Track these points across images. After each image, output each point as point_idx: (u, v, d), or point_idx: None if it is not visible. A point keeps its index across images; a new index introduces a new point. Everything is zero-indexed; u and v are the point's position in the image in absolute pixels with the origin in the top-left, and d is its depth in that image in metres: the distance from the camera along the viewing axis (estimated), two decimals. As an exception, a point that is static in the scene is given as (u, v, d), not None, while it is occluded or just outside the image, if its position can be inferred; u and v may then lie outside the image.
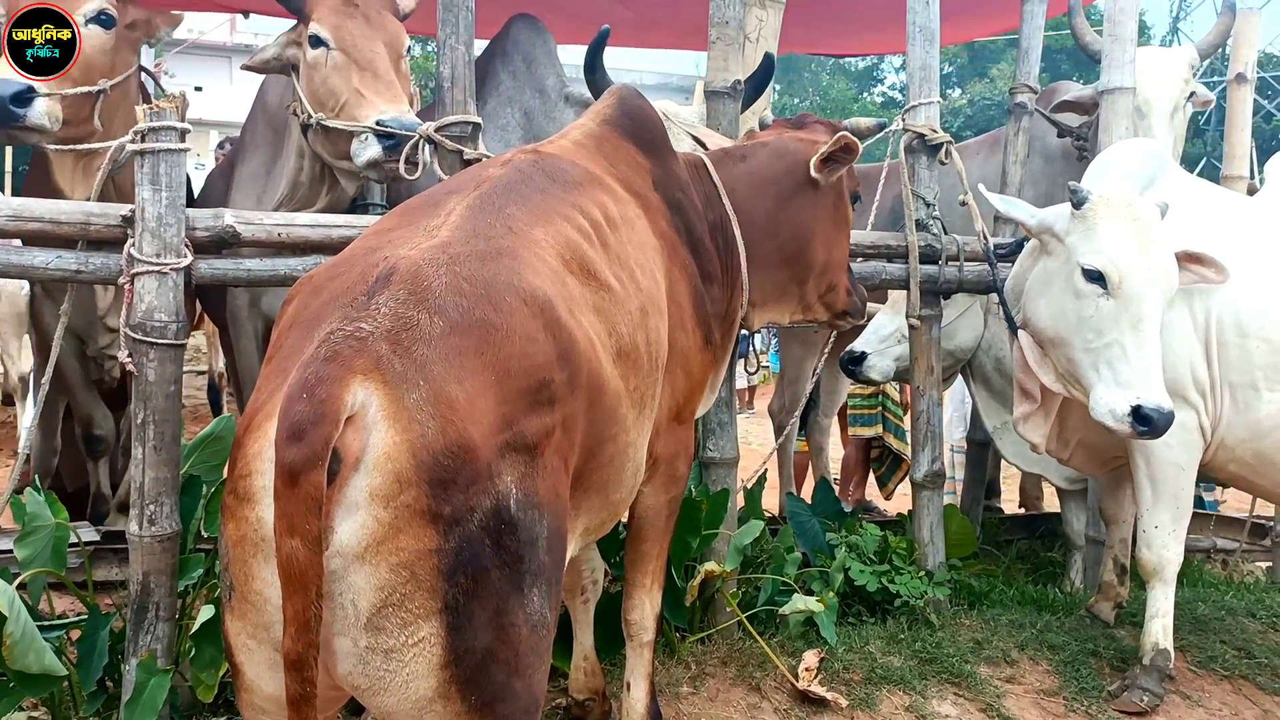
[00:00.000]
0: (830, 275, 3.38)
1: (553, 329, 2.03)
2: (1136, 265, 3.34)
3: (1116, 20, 4.43)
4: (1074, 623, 4.22)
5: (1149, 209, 3.42)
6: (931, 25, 4.18)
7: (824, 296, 3.41)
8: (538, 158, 2.59)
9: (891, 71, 41.40)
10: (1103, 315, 3.34)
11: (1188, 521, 3.75)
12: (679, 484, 3.02)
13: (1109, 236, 3.37)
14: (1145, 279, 3.33)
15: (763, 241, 3.19)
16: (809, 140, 3.30)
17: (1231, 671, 3.99)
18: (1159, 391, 3.25)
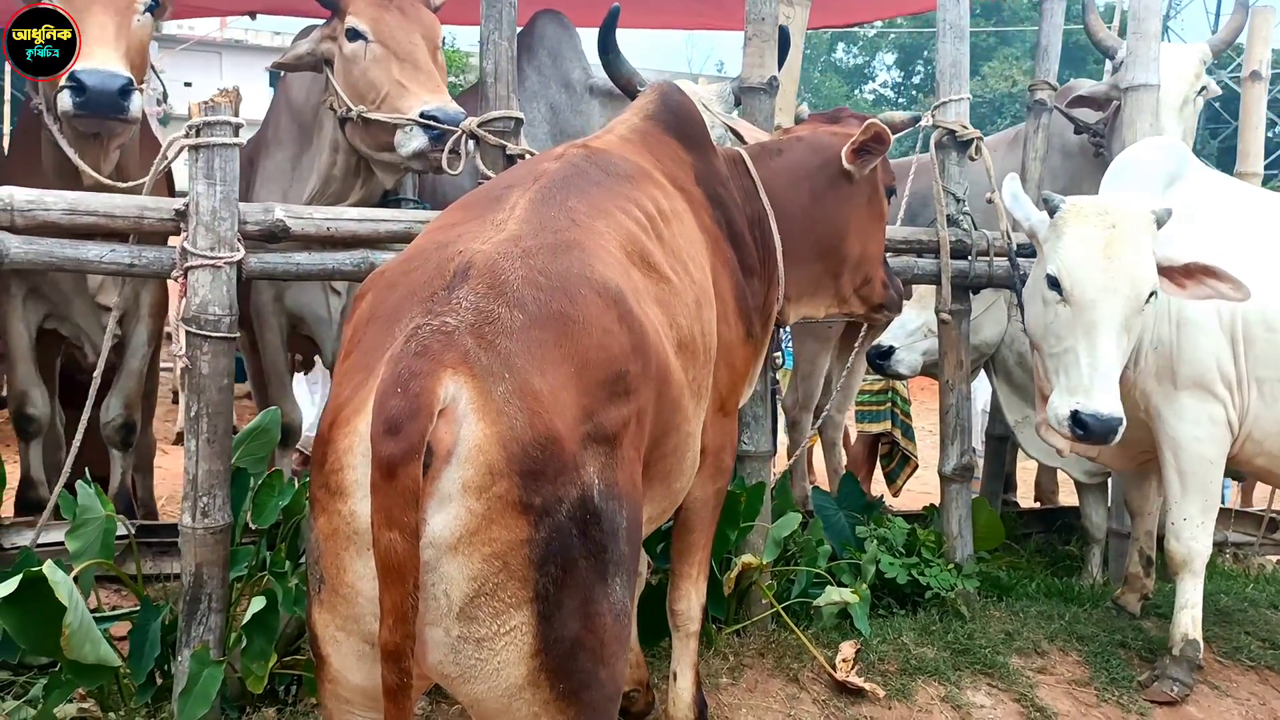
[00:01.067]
0: (865, 268, 3.40)
1: (626, 320, 2.06)
2: (1090, 273, 3.39)
3: (1141, 18, 4.47)
4: (1101, 614, 4.26)
5: (1132, 217, 3.42)
6: (962, 22, 4.21)
7: (859, 290, 3.43)
8: (589, 152, 2.62)
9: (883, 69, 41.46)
10: (1061, 321, 3.43)
11: (1216, 514, 3.80)
12: (725, 475, 3.05)
13: (1070, 244, 3.44)
14: (1099, 286, 3.38)
15: (799, 235, 3.21)
16: (843, 134, 3.32)
17: (1257, 662, 4.05)
18: (1101, 398, 3.32)
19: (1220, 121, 23.45)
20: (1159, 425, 3.71)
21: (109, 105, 3.26)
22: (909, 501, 6.66)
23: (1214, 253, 3.67)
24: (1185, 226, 3.71)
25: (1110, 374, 3.38)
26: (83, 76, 3.24)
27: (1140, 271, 3.39)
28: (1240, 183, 4.17)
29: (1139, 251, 3.39)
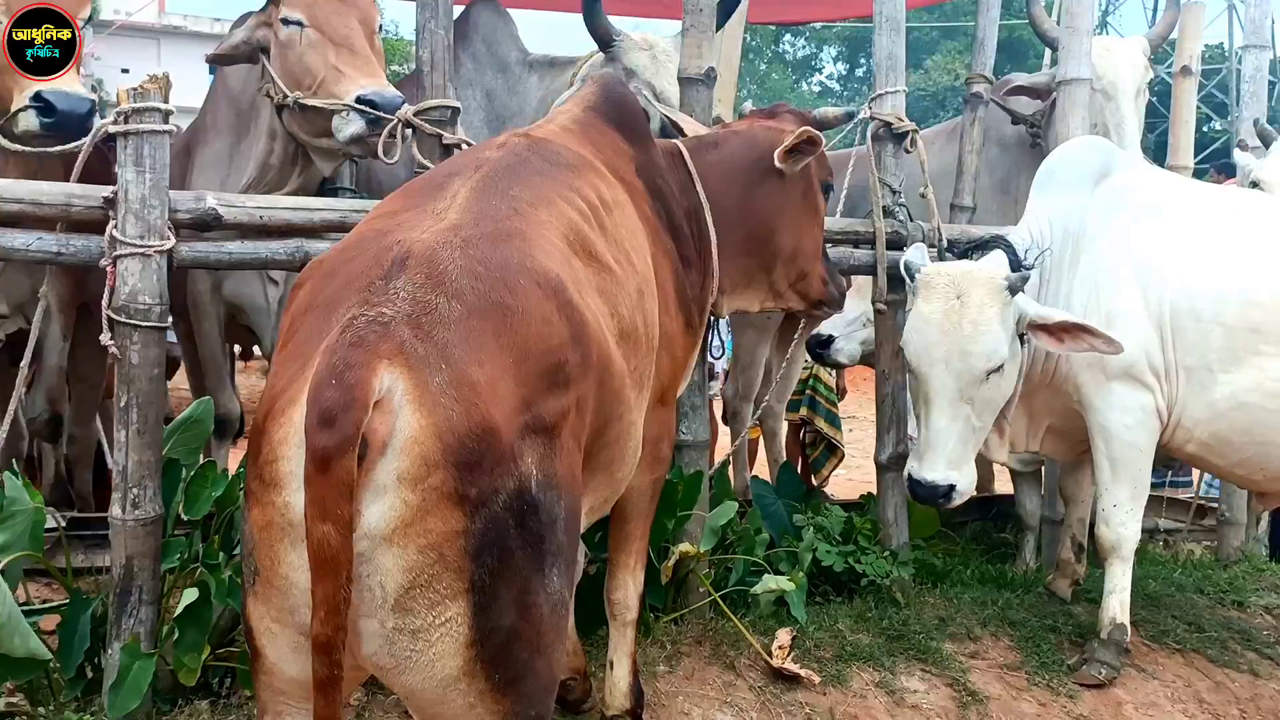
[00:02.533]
0: (801, 263, 3.44)
1: (566, 310, 2.07)
2: (925, 347, 3.54)
3: (1074, 13, 4.56)
4: (1033, 600, 4.34)
5: (980, 286, 3.51)
6: (898, 16, 4.26)
7: (795, 285, 3.47)
8: (531, 141, 2.62)
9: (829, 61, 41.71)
10: (911, 386, 3.61)
11: (1145, 500, 3.88)
12: (663, 465, 3.08)
13: (913, 317, 3.62)
14: (931, 360, 3.53)
15: (733, 229, 3.25)
16: (778, 129, 3.37)
17: (1183, 645, 4.14)
18: (929, 467, 3.56)
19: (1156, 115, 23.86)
20: (1091, 414, 3.78)
21: (76, 128, 3.22)
22: (850, 490, 6.72)
23: (1142, 243, 3.76)
24: (1115, 220, 3.79)
25: (939, 444, 3.57)
26: (52, 99, 3.21)
27: (975, 345, 3.49)
28: (1171, 175, 4.26)
29: (978, 324, 3.49)
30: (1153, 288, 3.71)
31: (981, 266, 3.62)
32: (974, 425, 3.62)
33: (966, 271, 3.58)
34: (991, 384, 3.56)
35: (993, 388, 3.57)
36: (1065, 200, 3.90)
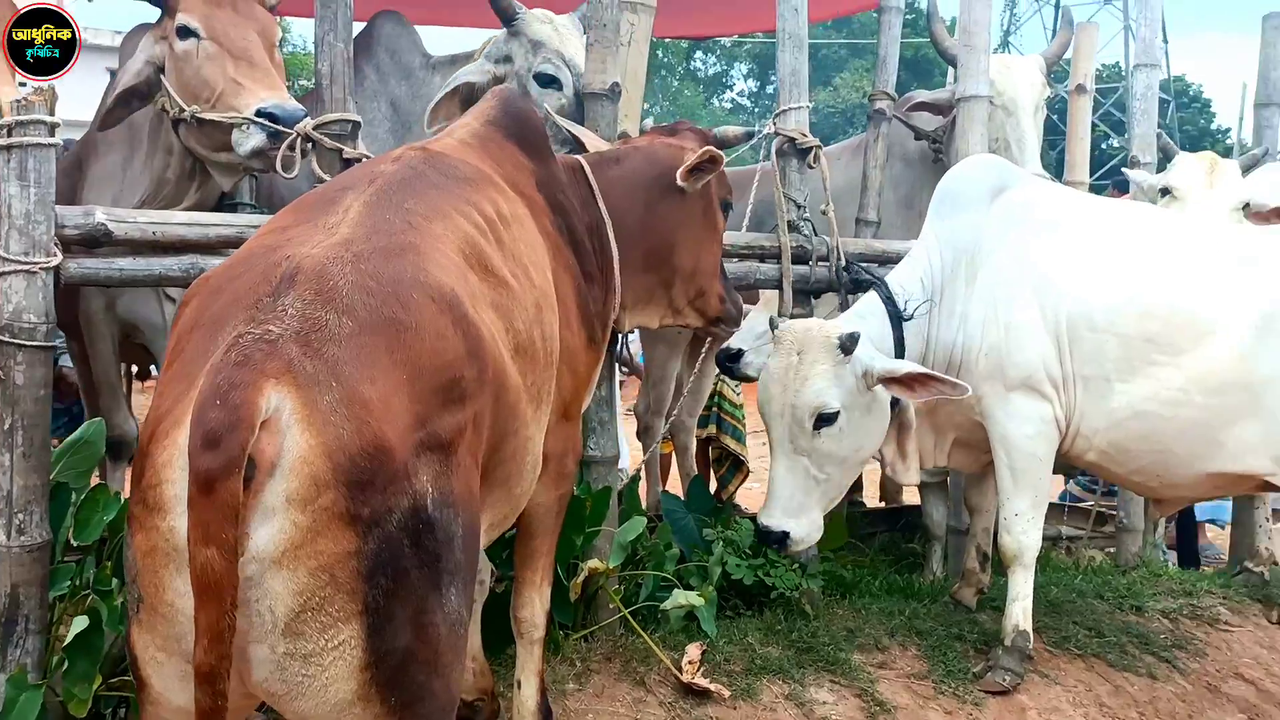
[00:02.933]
0: (700, 281, 3.47)
1: (461, 325, 2.04)
2: (766, 399, 3.77)
3: (971, 31, 4.65)
4: (939, 609, 4.40)
5: (814, 344, 3.67)
6: (801, 33, 4.31)
7: (694, 302, 3.49)
8: (428, 155, 2.59)
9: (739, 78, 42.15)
10: None
11: (1045, 509, 3.97)
12: (568, 481, 3.06)
13: (765, 369, 3.80)
14: (771, 413, 3.75)
15: (634, 244, 3.26)
16: (679, 147, 3.40)
17: (1084, 650, 4.22)
18: (767, 512, 3.75)
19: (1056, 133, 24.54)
20: (991, 425, 3.86)
21: None
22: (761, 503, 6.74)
23: (1039, 257, 3.84)
24: (1011, 234, 3.88)
25: (777, 492, 3.76)
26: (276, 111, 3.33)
27: (801, 399, 3.67)
28: (1067, 189, 4.36)
29: (807, 379, 3.66)
30: (1049, 300, 3.80)
31: (822, 325, 3.76)
32: (814, 476, 3.76)
33: (808, 329, 3.73)
34: (826, 437, 3.70)
35: (829, 441, 3.71)
36: (961, 218, 3.99)
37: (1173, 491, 3.91)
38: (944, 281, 3.96)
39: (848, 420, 3.70)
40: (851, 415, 3.70)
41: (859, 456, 3.86)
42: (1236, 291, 3.63)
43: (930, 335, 3.97)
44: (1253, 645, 4.54)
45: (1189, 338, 3.62)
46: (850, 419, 3.71)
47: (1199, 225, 3.97)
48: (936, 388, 3.59)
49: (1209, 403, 3.59)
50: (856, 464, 3.92)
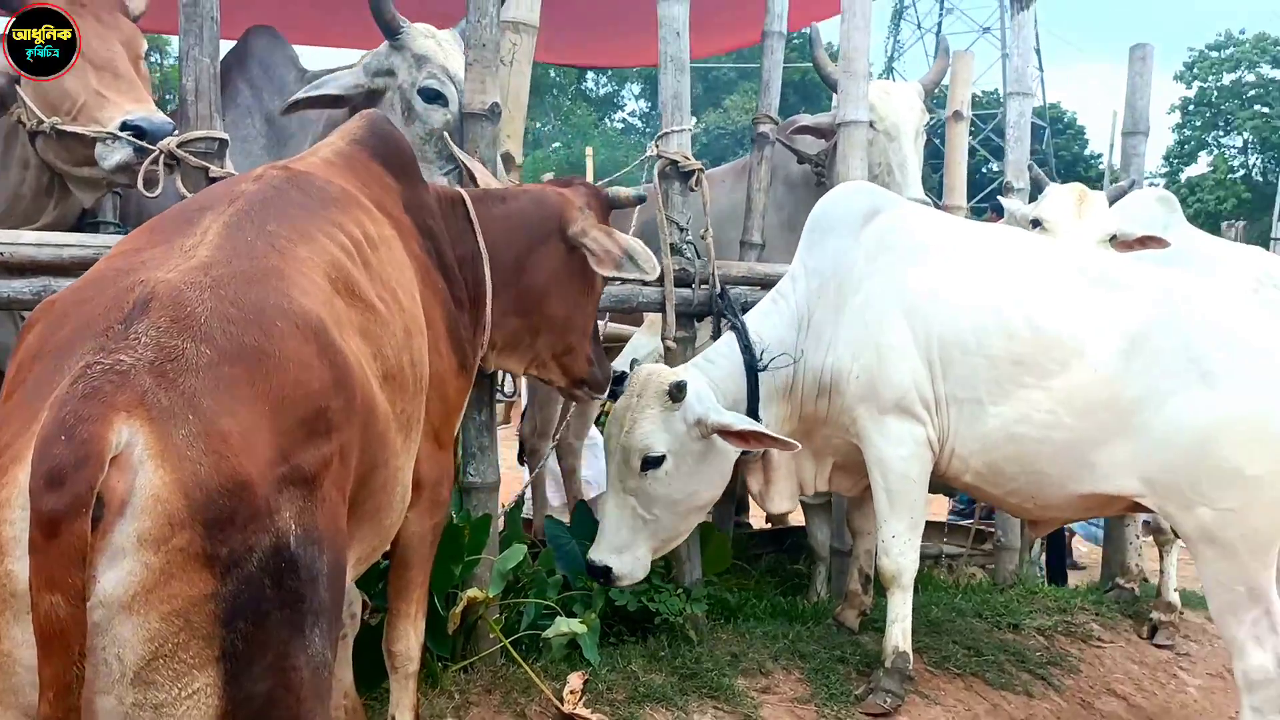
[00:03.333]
0: (569, 337, 3.49)
1: (327, 353, 1.97)
2: (606, 438, 3.96)
3: (851, 58, 4.71)
4: (822, 631, 4.40)
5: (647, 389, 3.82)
6: (682, 56, 4.30)
7: (560, 357, 3.52)
8: (290, 174, 2.50)
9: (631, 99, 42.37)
10: None
11: (922, 530, 4.00)
12: (442, 510, 2.99)
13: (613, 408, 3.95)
14: (609, 449, 3.94)
15: (507, 286, 3.24)
16: (566, 199, 3.41)
17: (964, 669, 4.27)
18: (595, 546, 3.88)
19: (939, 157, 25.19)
20: (867, 448, 3.88)
21: None
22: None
23: (910, 280, 3.88)
24: (882, 259, 3.92)
25: (606, 527, 3.89)
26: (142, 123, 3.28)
27: (631, 440, 3.81)
28: (937, 213, 4.42)
29: (636, 422, 3.81)
30: (921, 322, 3.84)
31: (661, 372, 3.88)
32: (641, 515, 3.87)
33: (650, 373, 3.87)
34: (653, 480, 3.82)
35: (656, 484, 3.83)
36: (831, 244, 4.05)
37: (1047, 513, 3.98)
38: (812, 308, 4.01)
39: (676, 466, 3.83)
40: (681, 461, 3.83)
41: (693, 501, 3.95)
42: (1103, 315, 3.70)
43: (799, 359, 4.00)
44: (1124, 660, 4.64)
45: (1057, 360, 3.69)
46: (680, 464, 3.83)
47: (1066, 249, 4.05)
48: (764, 443, 3.77)
49: (1079, 425, 3.66)
50: (691, 508, 3.98)
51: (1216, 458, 3.49)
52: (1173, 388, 3.56)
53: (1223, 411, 3.49)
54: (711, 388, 3.92)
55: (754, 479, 4.08)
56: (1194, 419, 3.52)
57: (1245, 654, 3.52)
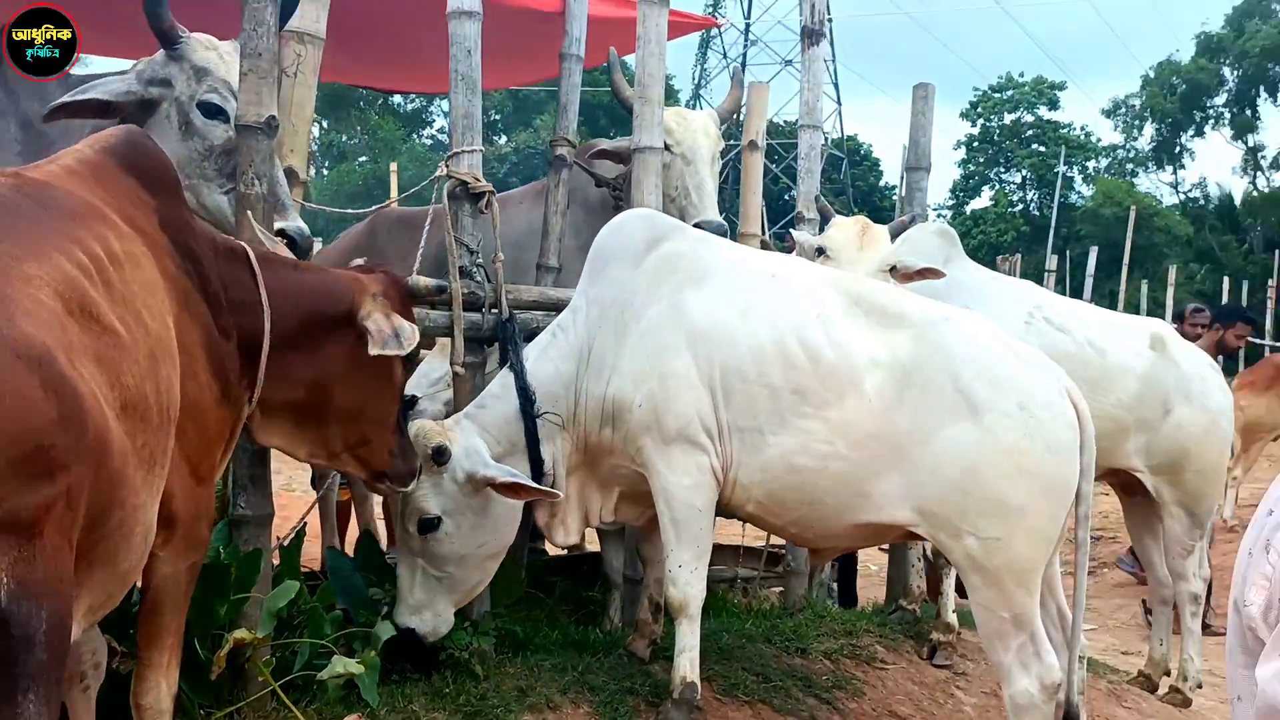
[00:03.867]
0: (364, 428, 3.37)
1: (54, 385, 1.79)
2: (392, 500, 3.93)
3: (646, 84, 4.70)
4: (613, 662, 4.33)
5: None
6: (473, 75, 4.20)
7: (355, 449, 3.40)
8: (22, 183, 2.29)
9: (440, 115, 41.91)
10: None
11: (708, 560, 3.99)
12: (199, 549, 2.80)
13: None
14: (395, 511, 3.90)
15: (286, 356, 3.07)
16: (360, 283, 3.29)
17: (752, 696, 4.28)
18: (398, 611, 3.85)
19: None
20: (653, 478, 3.85)
21: None
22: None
23: (692, 308, 3.87)
24: (664, 286, 3.92)
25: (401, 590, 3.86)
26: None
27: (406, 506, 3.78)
28: (720, 240, 4.43)
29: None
30: (703, 351, 3.83)
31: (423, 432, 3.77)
32: (433, 575, 3.84)
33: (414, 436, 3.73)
34: (434, 541, 3.80)
35: (439, 544, 3.80)
36: (613, 273, 4.02)
37: (826, 542, 4.04)
38: (593, 338, 3.97)
39: (456, 524, 3.79)
40: (460, 518, 3.79)
41: (484, 552, 3.90)
42: (878, 347, 3.78)
43: (580, 389, 3.95)
44: (905, 682, 4.76)
45: (834, 392, 3.74)
46: (459, 522, 3.79)
47: (846, 280, 4.12)
48: (529, 494, 3.77)
49: (855, 456, 3.71)
50: (485, 558, 3.94)
51: (982, 488, 3.60)
52: (941, 420, 3.65)
53: (987, 444, 3.61)
54: (485, 434, 3.86)
55: (541, 511, 4.00)
56: (961, 451, 3.62)
57: (1012, 679, 3.64)
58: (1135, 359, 5.34)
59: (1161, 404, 5.35)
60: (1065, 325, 5.26)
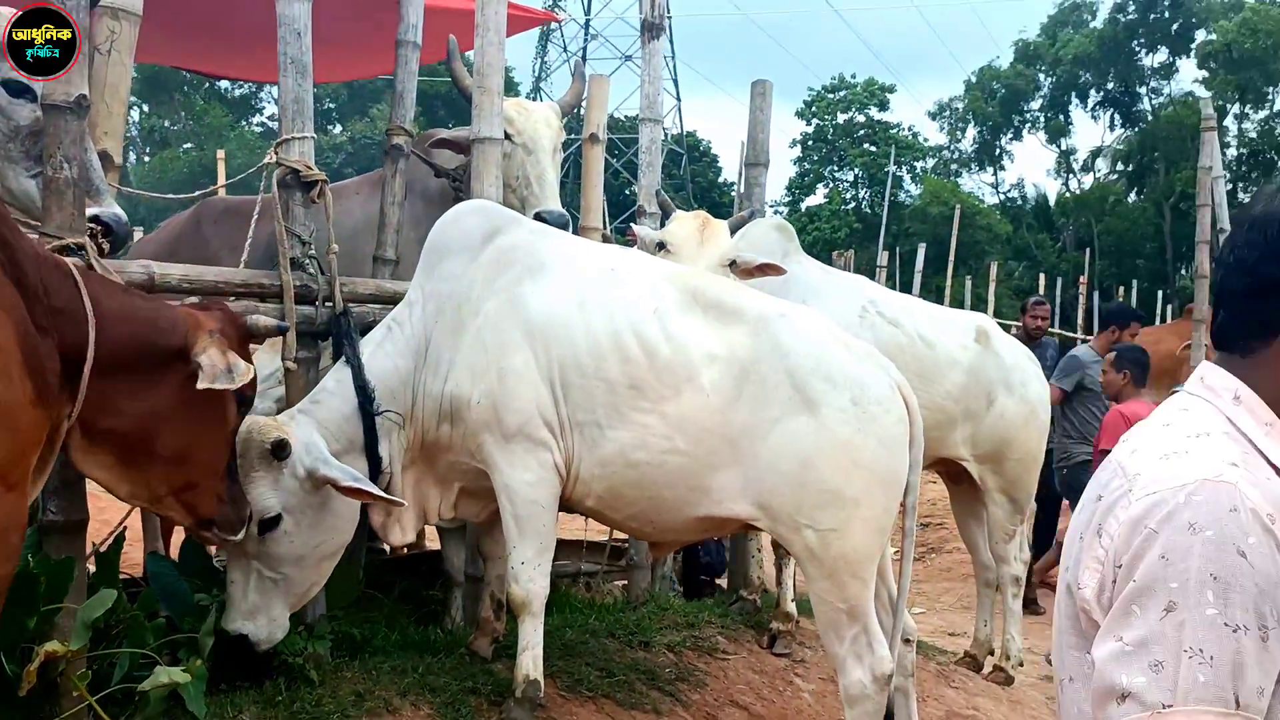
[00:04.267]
0: (191, 472, 3.22)
1: None
2: None
3: (485, 74, 4.62)
4: (455, 662, 4.25)
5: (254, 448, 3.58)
6: (304, 58, 4.04)
7: (181, 493, 3.24)
8: None
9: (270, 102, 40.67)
10: None
11: (551, 555, 3.95)
12: (10, 559, 2.61)
13: None
14: None
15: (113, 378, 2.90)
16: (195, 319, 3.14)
17: (596, 692, 4.26)
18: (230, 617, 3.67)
19: (583, 178, 25.86)
20: (495, 474, 3.79)
21: None
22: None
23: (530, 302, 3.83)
24: (501, 280, 3.86)
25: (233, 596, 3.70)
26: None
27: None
28: (558, 233, 4.38)
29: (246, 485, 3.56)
30: (541, 345, 3.80)
31: (260, 426, 3.63)
32: (269, 577, 3.69)
33: (247, 430, 3.59)
34: (273, 541, 3.65)
35: (278, 544, 3.66)
36: (449, 267, 3.95)
37: (666, 535, 4.05)
38: (430, 333, 3.89)
39: (296, 522, 3.66)
40: (301, 516, 3.67)
41: (323, 551, 3.79)
42: (716, 342, 3.80)
43: (418, 386, 3.87)
44: (746, 671, 4.82)
45: (671, 386, 3.75)
46: (300, 520, 3.67)
47: (684, 275, 4.12)
48: (374, 499, 3.68)
49: (693, 450, 3.73)
50: (323, 557, 3.82)
51: (818, 481, 3.66)
52: (778, 415, 3.70)
53: (823, 438, 3.67)
54: (323, 430, 3.72)
55: (376, 511, 3.89)
56: (797, 445, 3.67)
57: (846, 670, 3.72)
58: (961, 351, 5.53)
59: (986, 395, 5.56)
60: (897, 319, 5.41)
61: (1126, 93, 47.88)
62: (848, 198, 49.18)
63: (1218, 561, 1.40)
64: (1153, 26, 45.68)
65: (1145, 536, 1.46)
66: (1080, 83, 47.58)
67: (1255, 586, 1.39)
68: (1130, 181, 47.68)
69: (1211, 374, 1.65)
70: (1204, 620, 1.39)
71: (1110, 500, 1.56)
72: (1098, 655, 1.49)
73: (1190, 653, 1.39)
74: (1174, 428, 1.60)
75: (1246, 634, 1.39)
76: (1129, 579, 1.47)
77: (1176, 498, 1.46)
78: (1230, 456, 1.50)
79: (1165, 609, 1.42)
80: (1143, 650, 1.42)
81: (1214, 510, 1.43)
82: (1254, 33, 40.15)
